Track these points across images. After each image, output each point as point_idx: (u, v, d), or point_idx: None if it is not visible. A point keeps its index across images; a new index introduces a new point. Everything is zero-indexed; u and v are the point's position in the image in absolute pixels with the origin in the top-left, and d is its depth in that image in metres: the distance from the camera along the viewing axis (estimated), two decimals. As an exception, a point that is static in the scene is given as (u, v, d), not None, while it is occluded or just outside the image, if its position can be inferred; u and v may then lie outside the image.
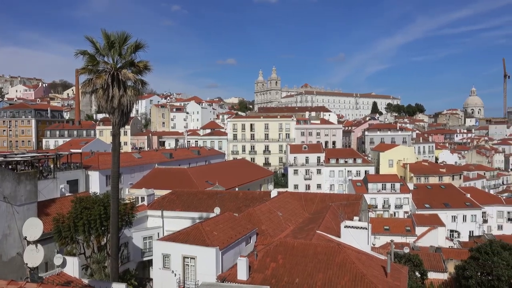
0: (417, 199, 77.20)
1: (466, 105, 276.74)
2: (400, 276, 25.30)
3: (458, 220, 74.41)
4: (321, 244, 26.31)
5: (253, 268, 24.72)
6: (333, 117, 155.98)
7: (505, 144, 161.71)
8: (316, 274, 23.65)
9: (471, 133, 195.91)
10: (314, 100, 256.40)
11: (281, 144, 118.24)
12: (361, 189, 79.37)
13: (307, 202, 44.25)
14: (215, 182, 60.77)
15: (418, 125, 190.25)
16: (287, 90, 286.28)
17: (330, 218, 34.26)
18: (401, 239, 60.99)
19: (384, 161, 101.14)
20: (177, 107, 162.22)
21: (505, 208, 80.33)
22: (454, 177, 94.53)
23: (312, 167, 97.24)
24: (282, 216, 36.85)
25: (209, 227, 27.89)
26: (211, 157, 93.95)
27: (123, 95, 24.34)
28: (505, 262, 33.36)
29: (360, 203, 42.78)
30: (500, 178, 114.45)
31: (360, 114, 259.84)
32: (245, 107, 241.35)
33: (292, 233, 32.72)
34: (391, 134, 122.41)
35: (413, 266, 36.64)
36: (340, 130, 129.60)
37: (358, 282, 22.52)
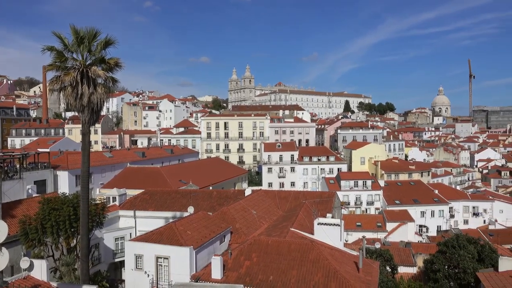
0: (388, 196, 79.14)
1: (434, 104, 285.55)
2: (372, 271, 25.86)
3: (426, 215, 76.77)
4: (295, 241, 26.53)
5: (227, 267, 24.67)
6: (306, 116, 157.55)
7: (470, 141, 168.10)
8: (290, 271, 23.84)
9: (438, 131, 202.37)
10: (288, 98, 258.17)
11: (255, 143, 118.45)
12: (334, 187, 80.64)
13: (281, 200, 44.52)
14: (188, 181, 60.25)
15: (389, 123, 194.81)
16: (261, 88, 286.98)
17: (304, 215, 34.60)
18: (372, 235, 62.44)
19: (356, 158, 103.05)
20: (149, 105, 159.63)
21: (470, 203, 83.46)
22: (422, 174, 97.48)
23: (286, 165, 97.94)
24: (256, 214, 36.94)
25: (182, 227, 27.62)
26: (184, 156, 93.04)
27: (93, 93, 23.75)
28: (471, 255, 34.69)
29: (333, 200, 43.41)
30: (465, 175, 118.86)
31: (333, 113, 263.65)
32: (219, 105, 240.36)
33: (266, 231, 32.84)
34: (363, 132, 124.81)
35: (384, 261, 37.58)
36: (314, 128, 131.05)
37: (331, 278, 22.85)
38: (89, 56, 24.24)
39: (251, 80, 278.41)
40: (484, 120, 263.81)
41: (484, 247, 36.55)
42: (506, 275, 26.02)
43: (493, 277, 26.56)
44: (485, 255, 35.53)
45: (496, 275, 26.85)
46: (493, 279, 26.30)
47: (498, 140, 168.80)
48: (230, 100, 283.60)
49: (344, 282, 22.39)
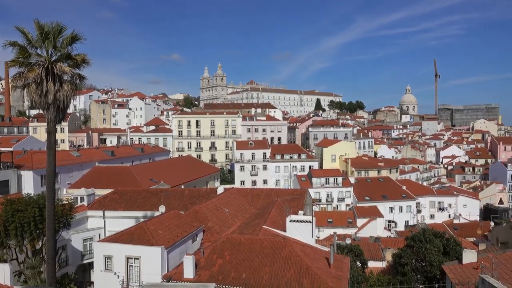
0: (358, 192, 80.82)
1: (402, 102, 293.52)
2: (343, 266, 26.33)
3: (395, 211, 78.94)
4: (267, 238, 26.64)
5: (199, 266, 24.49)
6: (278, 114, 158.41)
7: (436, 139, 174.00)
8: (262, 268, 23.93)
9: (406, 129, 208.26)
10: (260, 97, 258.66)
11: (227, 141, 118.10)
12: (306, 184, 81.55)
13: (253, 198, 44.63)
14: (160, 180, 59.41)
15: (359, 121, 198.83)
16: (233, 86, 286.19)
17: (276, 213, 34.81)
18: (343, 231, 63.54)
19: (327, 156, 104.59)
20: (119, 103, 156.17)
21: (436, 199, 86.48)
22: (391, 171, 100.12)
23: (258, 163, 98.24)
24: (228, 213, 36.85)
25: (153, 226, 27.18)
26: (155, 154, 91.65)
27: (59, 90, 22.97)
28: (436, 248, 35.93)
29: (305, 198, 43.91)
30: (432, 171, 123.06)
31: (304, 111, 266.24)
32: (191, 103, 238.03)
33: (238, 229, 32.82)
34: (333, 130, 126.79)
35: (354, 256, 38.33)
36: (285, 126, 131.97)
37: (303, 274, 23.10)
38: (54, 52, 23.42)
39: (223, 78, 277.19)
40: (449, 118, 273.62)
41: (449, 241, 37.95)
42: (470, 267, 27.10)
43: (457, 269, 27.59)
44: (450, 248, 36.89)
45: (460, 267, 27.91)
46: (457, 271, 27.32)
47: (462, 138, 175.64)
48: (202, 98, 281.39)
49: (315, 278, 22.68)
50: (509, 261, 25.93)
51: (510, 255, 27.05)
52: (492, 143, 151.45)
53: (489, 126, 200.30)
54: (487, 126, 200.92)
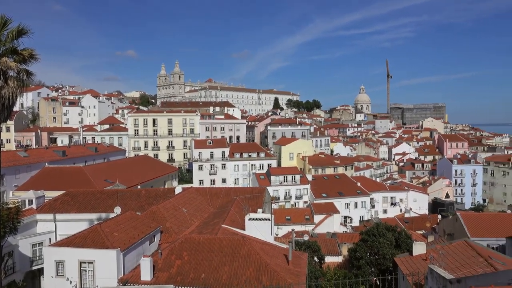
0: (315, 189, 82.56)
1: (356, 101, 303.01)
2: (301, 262, 26.79)
3: (350, 207, 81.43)
4: (226, 237, 26.58)
5: (157, 268, 24.00)
6: (237, 112, 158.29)
7: (388, 137, 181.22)
8: (222, 267, 23.85)
9: (360, 127, 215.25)
10: (218, 95, 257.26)
11: (185, 140, 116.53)
12: (265, 182, 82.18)
13: (212, 197, 44.39)
14: (115, 180, 57.59)
15: (316, 120, 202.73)
16: (191, 84, 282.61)
17: (235, 211, 34.80)
18: (301, 227, 64.74)
19: (285, 154, 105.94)
20: (70, 100, 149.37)
21: (389, 194, 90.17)
22: (347, 168, 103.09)
23: (217, 162, 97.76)
24: (187, 212, 36.39)
25: (108, 228, 26.31)
26: (110, 154, 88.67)
27: (4, 87, 21.61)
28: (389, 242, 37.45)
29: (264, 196, 44.23)
30: (384, 167, 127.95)
31: (262, 110, 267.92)
32: (147, 101, 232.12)
33: (197, 229, 32.51)
34: (291, 129, 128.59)
35: (312, 252, 39.15)
36: (244, 125, 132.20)
37: (262, 271, 23.27)
38: (-2, 46, 21.99)
39: (181, 76, 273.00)
40: (400, 117, 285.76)
41: (401, 234, 39.68)
42: (419, 258, 28.48)
43: (408, 261, 28.90)
44: (401, 241, 38.58)
45: (411, 259, 29.26)
46: (408, 262, 28.61)
47: (412, 135, 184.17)
48: (158, 96, 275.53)
49: (274, 275, 22.92)
50: (455, 251, 27.52)
51: (455, 245, 28.71)
52: (439, 140, 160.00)
53: (437, 125, 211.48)
54: (434, 124, 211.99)
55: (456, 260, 25.86)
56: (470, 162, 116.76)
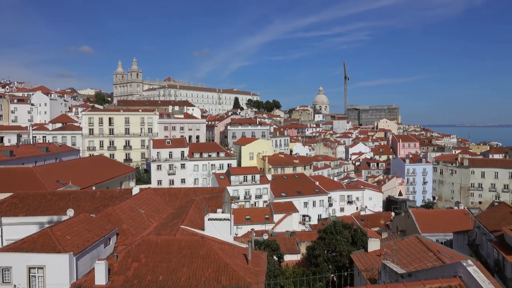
0: (275, 189, 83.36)
1: (315, 102, 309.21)
2: (260, 261, 26.94)
3: (309, 205, 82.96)
4: (185, 238, 26.23)
5: (113, 271, 23.25)
6: (196, 112, 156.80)
7: (345, 137, 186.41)
8: (180, 269, 23.51)
9: (319, 127, 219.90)
10: (177, 94, 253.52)
11: (143, 139, 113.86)
12: (224, 182, 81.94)
13: (171, 197, 43.67)
14: (68, 181, 55.26)
15: (275, 120, 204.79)
16: (149, 83, 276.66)
17: (194, 212, 34.41)
18: (261, 227, 65.14)
19: (245, 154, 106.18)
20: (19, 97, 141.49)
21: (345, 193, 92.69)
22: (305, 167, 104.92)
23: (176, 162, 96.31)
24: (144, 214, 35.55)
25: (60, 232, 25.16)
26: (62, 154, 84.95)
27: None
28: (346, 239, 38.52)
29: (223, 196, 44.07)
30: (341, 167, 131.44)
31: (223, 109, 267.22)
32: (103, 99, 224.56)
33: (155, 230, 31.84)
34: (251, 129, 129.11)
35: (271, 251, 39.49)
36: (204, 124, 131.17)
37: (221, 272, 23.17)
38: None
39: (139, 74, 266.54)
40: (357, 118, 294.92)
41: (357, 231, 40.92)
42: (374, 255, 29.47)
43: (363, 257, 29.83)
44: (357, 238, 39.80)
45: (366, 255, 30.22)
46: (363, 259, 29.53)
47: (368, 136, 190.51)
48: (115, 94, 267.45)
49: (234, 274, 22.89)
50: (407, 246, 28.74)
51: (407, 241, 29.98)
52: (393, 140, 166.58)
53: (391, 125, 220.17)
54: (389, 125, 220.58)
55: (407, 255, 27.01)
56: (421, 162, 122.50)
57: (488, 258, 32.97)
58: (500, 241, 29.77)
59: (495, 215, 36.21)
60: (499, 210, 37.45)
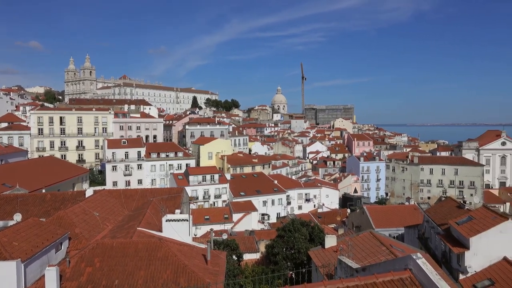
0: (234, 188, 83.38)
1: (273, 102, 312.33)
2: (219, 261, 26.84)
3: (268, 204, 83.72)
4: (142, 241, 25.61)
5: (65, 277, 22.26)
6: (153, 111, 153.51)
7: (303, 136, 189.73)
8: (137, 272, 22.93)
9: (277, 127, 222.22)
10: (133, 93, 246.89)
11: (97, 139, 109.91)
12: (183, 182, 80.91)
13: (127, 199, 42.51)
14: (14, 184, 52.29)
15: (234, 119, 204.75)
16: (104, 81, 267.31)
17: (152, 213, 33.69)
18: (220, 226, 64.93)
19: (204, 153, 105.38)
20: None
21: (303, 191, 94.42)
22: (264, 166, 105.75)
23: (132, 162, 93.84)
24: (99, 216, 34.35)
25: (7, 238, 23.73)
26: (9, 155, 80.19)
27: None
28: (303, 236, 39.24)
29: (182, 196, 43.50)
30: (299, 165, 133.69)
31: (180, 108, 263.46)
32: (53, 98, 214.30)
33: (110, 233, 30.85)
34: (210, 128, 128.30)
35: (230, 250, 39.47)
36: (161, 124, 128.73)
37: (180, 273, 22.84)
38: None
39: (92, 71, 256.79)
40: (314, 117, 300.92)
41: (314, 228, 41.81)
42: (331, 251, 30.25)
43: (320, 254, 30.53)
44: (315, 235, 40.67)
45: (323, 251, 30.96)
46: (320, 255, 30.22)
47: (324, 135, 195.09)
48: (67, 93, 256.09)
49: (193, 275, 22.66)
50: (362, 242, 29.75)
51: (362, 237, 31.03)
52: (348, 139, 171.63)
53: (346, 125, 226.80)
54: (344, 124, 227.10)
55: (362, 250, 27.97)
56: (375, 160, 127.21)
57: (436, 250, 34.85)
58: (446, 234, 31.56)
59: (442, 210, 38.34)
60: (445, 205, 39.69)
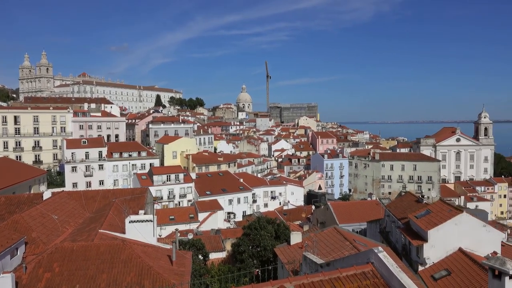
0: (199, 187, 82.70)
1: (238, 100, 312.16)
2: (185, 262, 26.53)
3: (234, 202, 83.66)
4: (104, 243, 24.88)
5: (21, 284, 21.25)
6: (115, 110, 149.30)
7: (268, 134, 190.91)
8: (99, 275, 22.24)
9: (242, 125, 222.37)
10: (94, 91, 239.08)
11: (55, 139, 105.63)
12: (147, 182, 79.34)
13: (88, 200, 41.13)
14: (-35, 187, 49.33)
15: (199, 118, 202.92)
16: (62, 78, 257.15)
17: (114, 214, 32.79)
18: (185, 226, 64.25)
19: (168, 153, 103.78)
20: None
21: (269, 189, 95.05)
22: (230, 165, 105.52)
23: (93, 162, 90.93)
24: (58, 219, 33.02)
25: (-44, 245, 22.36)
26: (-42, 157, 75.56)
27: None
28: (269, 234, 39.52)
29: (145, 196, 42.61)
30: (265, 164, 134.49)
31: (144, 107, 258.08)
32: (7, 96, 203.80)
33: (71, 236, 29.76)
34: (174, 127, 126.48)
35: (196, 250, 39.14)
36: (124, 123, 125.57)
37: (144, 275, 22.38)
38: None
39: (49, 68, 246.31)
40: (279, 115, 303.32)
41: (280, 226, 42.20)
42: (296, 247, 30.63)
43: (286, 251, 30.85)
44: (280, 232, 41.05)
45: (289, 248, 31.29)
46: (286, 252, 30.54)
47: (289, 133, 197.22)
48: (22, 91, 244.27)
49: (157, 277, 22.26)
50: (326, 237, 30.33)
51: (326, 232, 31.64)
52: (312, 137, 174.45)
53: (310, 123, 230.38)
54: (308, 122, 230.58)
55: (327, 245, 28.52)
56: (338, 157, 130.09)
57: (397, 244, 36.11)
58: (406, 227, 32.76)
59: (402, 204, 39.77)
60: (405, 199, 41.20)
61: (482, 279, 23.40)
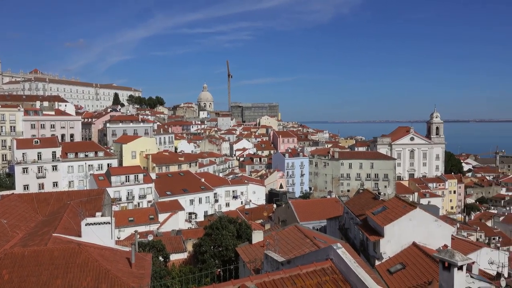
0: (159, 188, 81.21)
1: (199, 99, 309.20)
2: (145, 264, 25.95)
3: (195, 202, 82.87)
4: (58, 247, 23.84)
5: (-34, 293, 19.96)
6: (70, 108, 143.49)
7: (230, 134, 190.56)
8: (53, 281, 21.30)
9: (204, 124, 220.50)
10: (47, 88, 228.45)
11: (4, 139, 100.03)
12: (104, 183, 76.92)
13: (40, 203, 39.23)
14: None
15: (159, 117, 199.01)
16: (11, 75, 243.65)
17: (69, 217, 31.49)
18: (145, 228, 62.86)
19: (127, 153, 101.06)
20: None
21: (231, 188, 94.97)
22: (191, 165, 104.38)
23: (47, 163, 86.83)
24: (7, 224, 31.25)
25: None
26: None
27: None
28: (231, 233, 39.48)
29: (103, 198, 41.24)
30: (227, 163, 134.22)
31: (101, 106, 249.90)
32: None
33: (21, 241, 28.26)
34: (133, 126, 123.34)
35: (156, 251, 38.42)
36: (79, 122, 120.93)
37: (102, 279, 21.67)
38: None
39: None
40: (240, 115, 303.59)
41: (242, 225, 42.26)
42: (258, 246, 30.80)
43: (248, 250, 30.95)
44: (242, 231, 41.11)
45: (250, 247, 31.42)
46: (248, 251, 30.64)
47: (251, 132, 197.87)
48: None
49: (116, 281, 21.62)
50: (287, 235, 30.72)
51: (288, 230, 32.05)
52: (273, 136, 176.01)
53: (271, 122, 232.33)
54: (270, 122, 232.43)
55: (288, 243, 28.89)
56: (299, 156, 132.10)
57: (355, 240, 37.19)
58: (364, 224, 33.82)
59: (360, 201, 41.01)
60: (363, 197, 42.51)
61: (434, 271, 24.57)
